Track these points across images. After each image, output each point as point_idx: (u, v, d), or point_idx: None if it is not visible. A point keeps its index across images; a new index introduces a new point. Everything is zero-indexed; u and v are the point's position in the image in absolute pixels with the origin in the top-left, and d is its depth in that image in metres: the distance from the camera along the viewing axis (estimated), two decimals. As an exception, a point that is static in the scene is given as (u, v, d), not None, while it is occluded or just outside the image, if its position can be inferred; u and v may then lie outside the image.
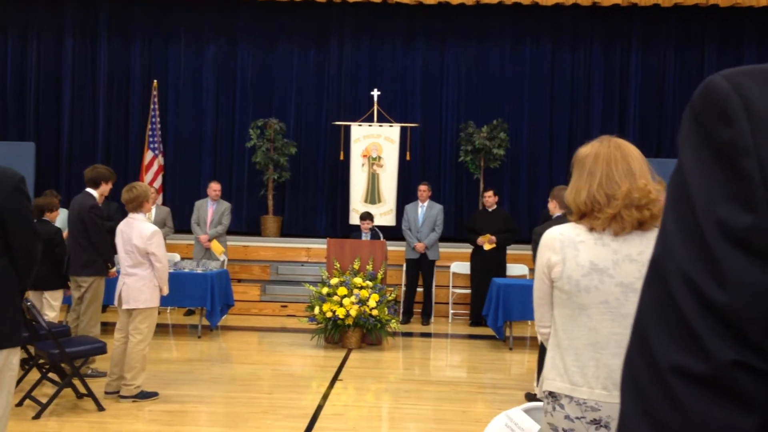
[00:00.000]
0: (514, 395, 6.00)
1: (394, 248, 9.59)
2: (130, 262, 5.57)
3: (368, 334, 7.77)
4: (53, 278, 6.27)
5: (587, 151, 2.28)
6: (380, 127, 10.84)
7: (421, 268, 9.56)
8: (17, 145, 11.18)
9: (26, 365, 5.68)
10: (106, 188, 6.50)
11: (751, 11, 11.18)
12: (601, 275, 2.17)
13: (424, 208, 9.67)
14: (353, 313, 7.55)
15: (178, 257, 9.40)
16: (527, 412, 2.90)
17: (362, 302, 7.61)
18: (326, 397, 5.90)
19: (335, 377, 6.57)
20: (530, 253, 6.73)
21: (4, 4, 11.65)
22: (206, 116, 11.89)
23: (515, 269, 9.60)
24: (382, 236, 9.42)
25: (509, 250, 9.43)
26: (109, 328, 7.15)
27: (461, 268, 9.92)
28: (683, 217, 0.58)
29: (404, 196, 10.77)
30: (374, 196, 10.74)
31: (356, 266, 8.01)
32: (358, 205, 10.66)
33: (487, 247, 9.11)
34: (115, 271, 6.42)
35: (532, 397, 5.57)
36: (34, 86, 11.93)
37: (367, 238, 9.25)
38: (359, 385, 6.46)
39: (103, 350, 5.49)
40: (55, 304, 6.40)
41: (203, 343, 8.07)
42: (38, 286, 6.21)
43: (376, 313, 7.61)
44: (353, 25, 11.81)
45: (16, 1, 11.66)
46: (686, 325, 0.55)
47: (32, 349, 5.64)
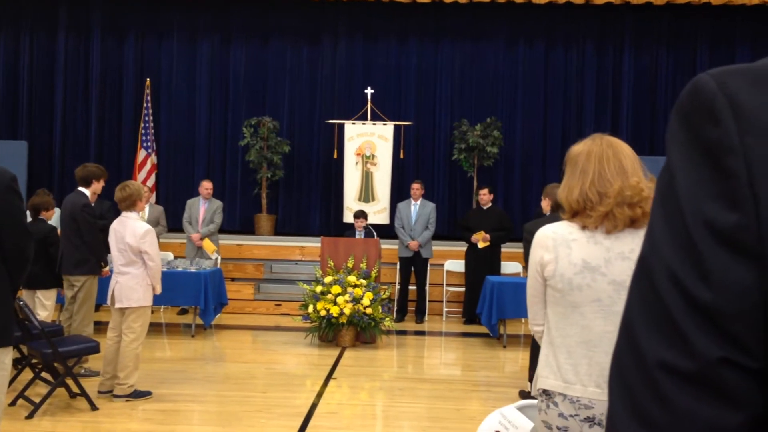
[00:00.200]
0: (507, 393, 6.01)
1: (387, 246, 9.59)
2: (122, 260, 5.55)
3: (362, 332, 7.77)
4: (46, 277, 6.25)
5: (579, 149, 2.28)
6: (374, 125, 10.84)
7: (414, 266, 9.56)
8: (9, 144, 11.16)
9: (19, 365, 5.67)
10: (98, 186, 6.48)
11: (743, 9, 11.22)
12: (593, 273, 2.17)
13: (417, 206, 9.67)
14: (347, 311, 7.55)
15: (171, 256, 9.38)
16: (521, 409, 2.91)
17: (356, 300, 7.61)
18: (320, 395, 5.90)
19: (329, 376, 6.57)
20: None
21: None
22: (199, 114, 11.86)
23: (509, 267, 9.62)
24: (375, 234, 9.41)
25: (503, 248, 9.44)
26: (102, 327, 7.14)
27: (455, 266, 9.93)
28: (670, 215, 0.58)
29: (398, 194, 10.77)
30: (368, 194, 10.74)
31: (350, 264, 8.01)
32: (351, 203, 10.66)
33: (481, 245, 9.13)
34: (108, 270, 6.40)
35: (525, 394, 5.58)
36: (26, 85, 11.89)
37: (360, 236, 9.25)
38: (353, 383, 6.46)
39: (96, 349, 5.48)
40: (47, 303, 6.38)
41: (197, 342, 8.06)
42: (31, 285, 6.20)
43: (370, 311, 7.61)
44: (347, 23, 11.80)
45: (7, -1, 11.63)
46: (672, 322, 0.56)
47: (25, 348, 5.62)
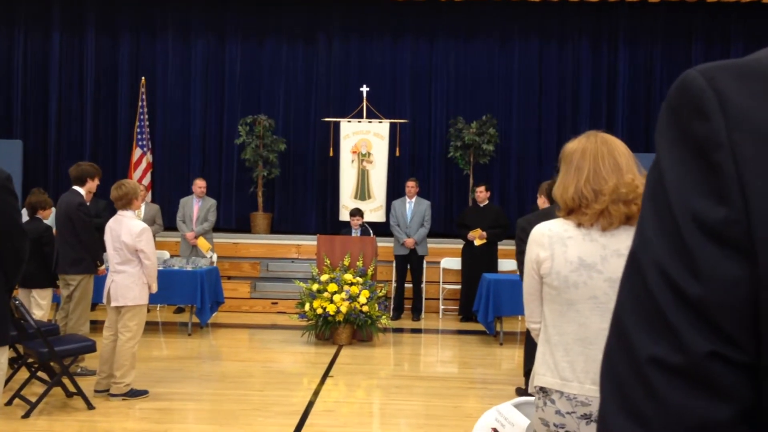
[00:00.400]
0: (504, 390, 6.02)
1: (384, 244, 9.59)
2: (118, 259, 5.54)
3: (359, 330, 7.78)
4: (41, 277, 6.24)
5: (574, 146, 2.28)
6: (369, 123, 10.83)
7: (410, 263, 9.57)
8: (4, 143, 11.13)
9: (15, 364, 5.66)
10: (92, 185, 6.46)
11: (738, 6, 11.24)
12: (589, 271, 2.17)
13: (412, 204, 9.68)
14: (344, 309, 7.55)
15: (167, 255, 9.37)
16: (517, 407, 2.91)
17: (352, 298, 7.61)
18: (317, 393, 5.90)
19: (326, 374, 6.57)
20: (520, 248, 6.74)
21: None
22: (195, 113, 11.84)
23: (506, 264, 9.62)
24: (372, 232, 9.41)
25: (500, 245, 9.44)
26: (98, 326, 7.12)
27: (451, 263, 9.94)
28: (660, 210, 0.58)
29: (394, 192, 10.76)
30: (364, 192, 10.74)
31: (346, 262, 8.01)
32: (347, 201, 10.66)
33: (477, 242, 9.13)
34: (103, 268, 6.39)
35: (522, 391, 5.59)
36: (21, 83, 11.85)
37: (357, 234, 9.25)
38: (350, 381, 6.46)
39: (92, 349, 5.47)
40: (43, 302, 6.37)
41: (193, 340, 8.05)
42: (26, 284, 6.18)
43: (366, 309, 7.61)
44: (342, 21, 11.79)
45: (1, -3, 11.59)
46: (662, 317, 0.56)
47: (21, 348, 5.61)
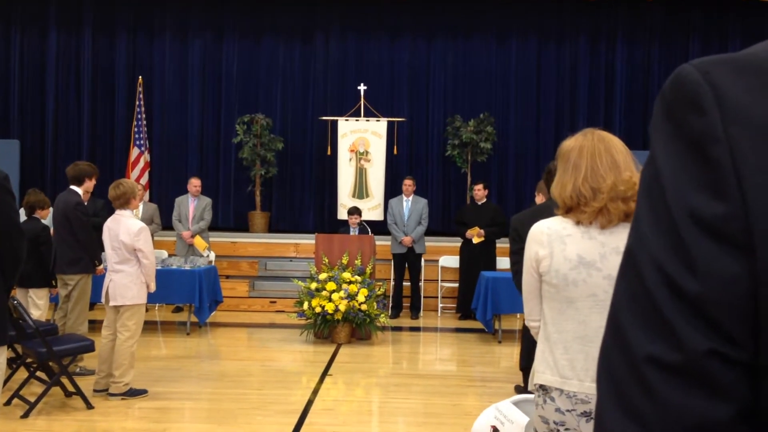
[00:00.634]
0: (503, 388, 6.02)
1: (382, 243, 9.59)
2: (117, 258, 5.54)
3: (357, 328, 7.78)
4: (38, 276, 6.23)
5: (571, 144, 2.27)
6: (367, 121, 10.83)
7: (408, 262, 9.57)
8: (1, 142, 11.12)
9: (14, 364, 5.65)
10: (90, 184, 6.46)
11: (736, 3, 11.24)
12: (588, 268, 2.17)
13: (409, 202, 9.68)
14: (342, 308, 7.55)
15: (165, 254, 9.36)
16: (516, 404, 2.91)
17: (351, 297, 7.61)
18: (316, 392, 5.90)
19: (325, 372, 6.57)
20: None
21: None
22: (192, 112, 11.83)
23: (504, 262, 9.60)
24: (370, 231, 9.41)
25: (498, 243, 9.44)
26: (96, 325, 7.12)
27: (450, 261, 9.94)
28: (656, 206, 0.57)
29: (392, 190, 10.76)
30: (362, 190, 10.73)
31: (345, 261, 8.01)
32: (345, 200, 10.66)
33: (475, 240, 9.13)
34: (102, 268, 6.38)
35: (521, 389, 5.59)
36: (18, 83, 11.83)
37: (355, 233, 9.25)
38: (349, 379, 6.46)
39: (90, 348, 5.47)
40: (40, 302, 6.35)
41: (192, 339, 8.05)
42: (23, 284, 6.17)
43: (365, 307, 7.61)
44: (339, 19, 11.78)
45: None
46: (660, 314, 0.55)
47: (20, 348, 5.61)
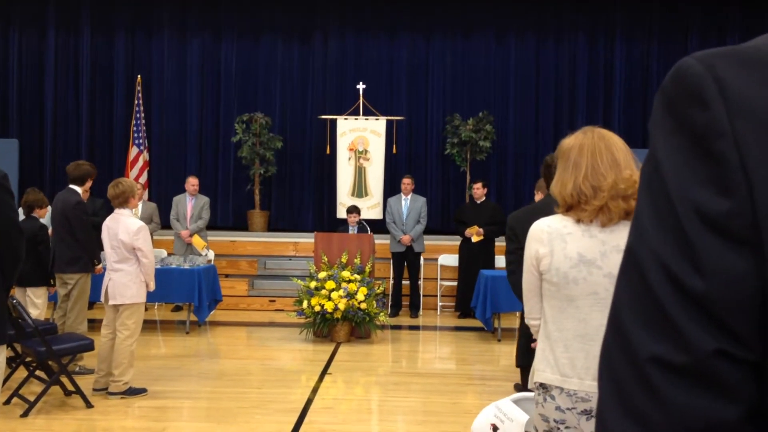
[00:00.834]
0: (502, 386, 6.02)
1: (381, 241, 9.59)
2: (116, 257, 5.54)
3: (357, 327, 7.78)
4: (36, 275, 6.22)
5: (571, 142, 2.27)
6: (366, 120, 10.82)
7: (407, 260, 9.57)
8: (0, 142, 11.10)
9: (13, 363, 5.65)
10: (89, 184, 6.49)
11: (734, 1, 11.24)
12: (589, 267, 2.17)
13: (407, 200, 9.68)
14: (341, 306, 7.55)
15: (164, 253, 9.36)
16: (516, 402, 2.91)
17: (350, 296, 7.60)
18: (316, 390, 5.90)
19: (324, 371, 6.57)
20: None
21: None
22: (191, 111, 11.82)
23: (503, 261, 9.58)
24: (369, 230, 9.41)
25: (497, 242, 9.43)
26: (96, 324, 7.12)
27: (449, 260, 9.94)
28: (657, 203, 0.56)
29: (391, 189, 10.75)
30: (361, 189, 10.73)
31: (344, 260, 8.01)
32: (344, 198, 10.65)
33: (475, 239, 9.13)
34: (101, 267, 6.38)
35: (520, 387, 5.59)
36: (16, 82, 11.81)
37: (354, 231, 9.25)
38: (348, 378, 6.46)
39: (90, 347, 5.46)
40: (38, 301, 6.35)
41: (191, 338, 8.04)
42: (21, 283, 6.16)
43: (364, 306, 7.61)
44: (338, 18, 11.77)
45: (-4, -5, 11.55)
46: (664, 314, 0.54)
47: (19, 347, 5.60)
